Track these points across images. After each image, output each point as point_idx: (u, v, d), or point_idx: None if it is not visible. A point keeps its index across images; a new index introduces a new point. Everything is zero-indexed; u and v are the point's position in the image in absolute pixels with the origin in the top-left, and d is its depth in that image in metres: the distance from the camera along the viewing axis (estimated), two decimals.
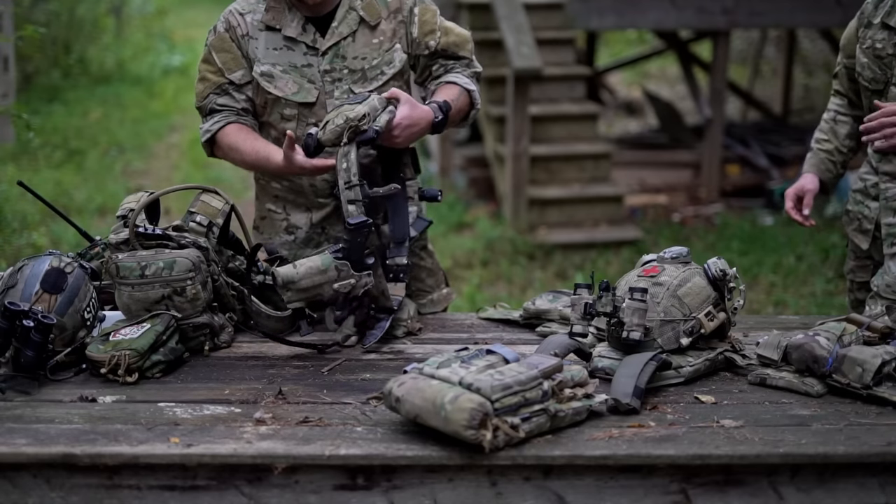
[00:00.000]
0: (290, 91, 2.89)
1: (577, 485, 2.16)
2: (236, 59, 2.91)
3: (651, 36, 11.90)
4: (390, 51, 2.93)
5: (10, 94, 6.58)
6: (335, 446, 2.15)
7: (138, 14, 14.71)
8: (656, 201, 8.39)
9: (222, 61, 2.92)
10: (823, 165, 3.27)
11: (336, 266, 2.62)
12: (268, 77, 2.90)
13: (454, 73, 2.99)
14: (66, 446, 2.15)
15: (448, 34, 2.99)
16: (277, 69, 2.89)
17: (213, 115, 2.94)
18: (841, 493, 2.18)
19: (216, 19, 2.97)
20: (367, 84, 2.91)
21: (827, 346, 2.45)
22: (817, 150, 3.28)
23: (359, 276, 2.64)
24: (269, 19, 2.90)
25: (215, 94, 2.93)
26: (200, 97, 2.96)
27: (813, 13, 8.30)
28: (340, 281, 2.62)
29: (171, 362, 2.58)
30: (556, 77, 8.01)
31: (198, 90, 2.97)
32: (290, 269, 2.61)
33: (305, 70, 2.90)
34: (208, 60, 2.94)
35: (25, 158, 8.58)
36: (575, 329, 2.56)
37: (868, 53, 3.04)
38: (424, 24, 2.96)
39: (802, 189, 3.25)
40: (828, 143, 3.27)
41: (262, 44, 2.91)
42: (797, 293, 6.43)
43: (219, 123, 2.93)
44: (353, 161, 2.66)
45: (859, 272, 3.23)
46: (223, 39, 2.93)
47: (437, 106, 2.82)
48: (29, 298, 2.54)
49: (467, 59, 3.02)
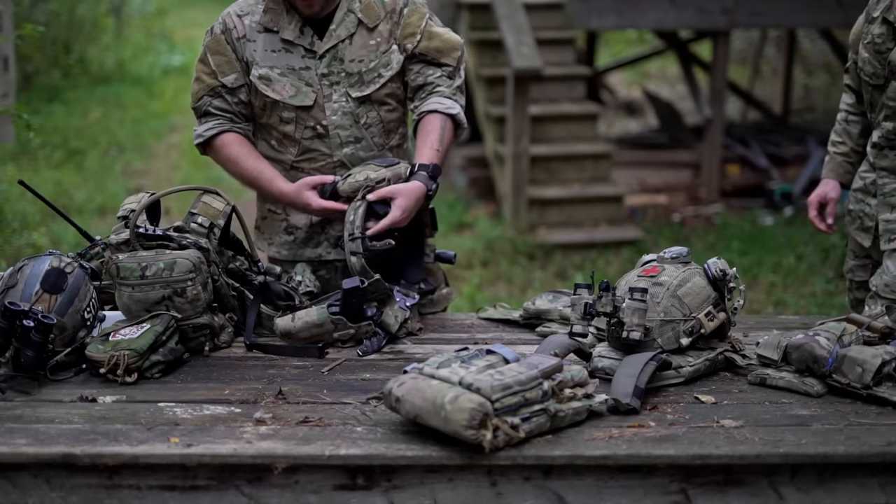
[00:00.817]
0: (287, 94, 2.89)
1: (577, 485, 2.16)
2: (230, 62, 2.92)
3: (651, 36, 11.89)
4: (387, 52, 2.92)
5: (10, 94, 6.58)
6: (335, 446, 2.15)
7: (138, 14, 14.71)
8: (656, 201, 8.39)
9: (216, 64, 2.93)
10: (842, 168, 3.29)
11: (332, 321, 2.68)
12: (265, 80, 2.90)
13: (436, 95, 2.93)
14: (66, 446, 2.15)
15: (432, 39, 2.94)
16: (275, 72, 2.89)
17: (207, 119, 2.96)
18: (841, 493, 2.18)
19: (216, 19, 2.97)
20: (365, 87, 2.90)
21: (827, 346, 2.45)
22: (833, 153, 3.29)
23: (357, 326, 2.70)
24: (267, 21, 2.90)
25: (209, 97, 2.94)
26: (195, 98, 2.98)
27: (813, 13, 8.29)
28: (339, 332, 2.70)
29: (171, 362, 2.58)
30: (556, 77, 8.01)
31: (193, 90, 2.99)
32: (288, 322, 2.71)
33: (303, 73, 2.89)
34: (204, 61, 2.95)
35: (25, 158, 8.58)
36: (575, 329, 2.56)
37: (869, 48, 3.03)
38: (407, 27, 2.94)
39: (825, 197, 3.27)
40: (843, 146, 3.28)
41: (259, 46, 2.91)
42: (797, 293, 6.43)
43: (213, 130, 2.95)
44: (360, 216, 2.71)
45: (859, 272, 3.23)
46: (218, 42, 2.93)
47: (427, 175, 2.81)
48: (29, 298, 2.54)
49: (451, 66, 2.95)
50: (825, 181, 3.30)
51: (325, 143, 2.93)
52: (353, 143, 2.94)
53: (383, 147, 2.98)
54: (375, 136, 2.96)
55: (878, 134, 3.07)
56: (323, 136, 2.93)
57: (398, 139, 3.03)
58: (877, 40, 3.00)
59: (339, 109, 2.92)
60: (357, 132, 2.94)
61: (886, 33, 2.98)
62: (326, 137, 2.93)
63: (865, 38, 3.05)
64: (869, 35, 3.03)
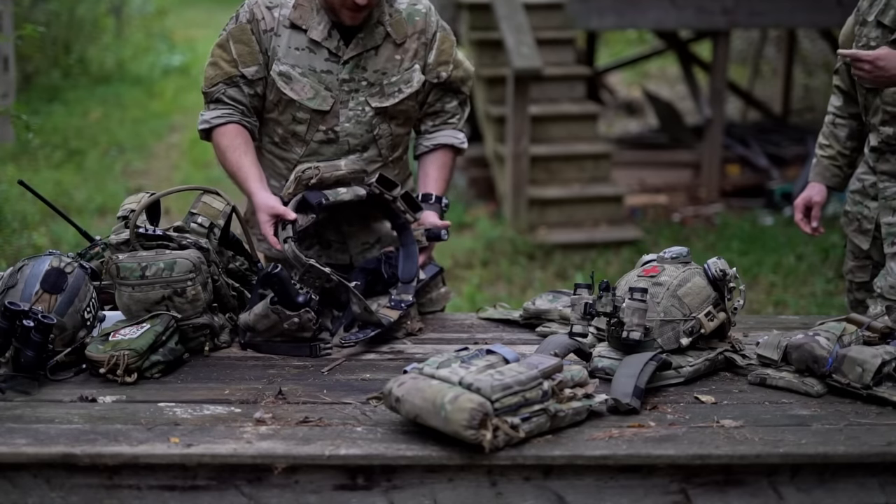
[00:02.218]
0: (305, 96, 2.88)
1: (577, 485, 2.16)
2: (253, 53, 2.88)
3: (651, 36, 11.89)
4: (410, 70, 2.93)
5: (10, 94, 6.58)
6: (335, 446, 2.15)
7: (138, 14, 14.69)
8: (656, 201, 8.39)
9: (238, 53, 2.88)
10: (829, 172, 3.28)
11: (273, 310, 2.66)
12: (285, 78, 2.88)
13: (450, 127, 3.06)
14: (66, 446, 2.15)
15: (458, 67, 3.02)
16: (296, 71, 2.87)
17: (217, 106, 2.92)
18: (841, 493, 2.18)
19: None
20: (385, 99, 2.91)
21: (827, 346, 2.45)
22: (820, 157, 3.29)
23: (297, 314, 2.67)
24: (296, 17, 2.87)
25: (225, 85, 2.90)
26: (209, 83, 2.93)
27: (813, 13, 8.30)
28: (286, 321, 2.67)
29: (171, 363, 2.58)
30: (556, 77, 8.01)
31: (208, 74, 2.93)
32: (246, 317, 2.71)
33: (324, 76, 2.88)
34: (224, 48, 2.90)
35: (25, 158, 8.58)
36: (575, 329, 2.56)
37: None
38: (442, 53, 2.97)
39: (810, 200, 3.27)
40: (829, 149, 3.27)
41: (284, 42, 2.88)
42: (797, 293, 6.43)
43: (221, 119, 2.91)
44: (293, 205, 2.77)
45: (858, 272, 3.23)
46: (244, 30, 2.89)
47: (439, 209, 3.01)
48: (29, 298, 2.54)
49: (465, 95, 3.07)
50: (811, 185, 3.29)
51: (333, 147, 2.93)
52: (360, 151, 2.94)
53: (387, 159, 2.99)
54: (383, 149, 2.97)
55: (877, 139, 3.07)
56: (333, 140, 2.93)
57: (401, 152, 3.07)
58: (871, 43, 3.00)
59: (354, 117, 2.91)
60: (366, 141, 2.94)
61: (881, 36, 2.98)
62: (336, 143, 2.93)
63: (860, 42, 3.05)
64: (863, 38, 3.03)
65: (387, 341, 2.81)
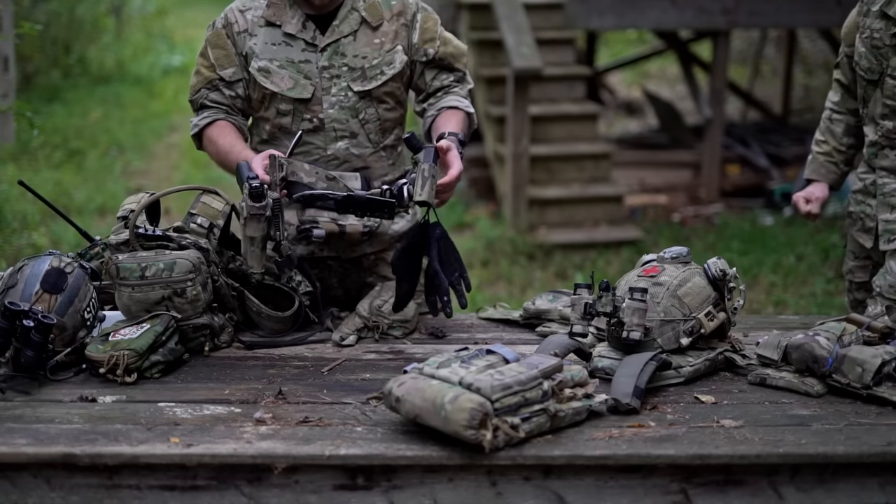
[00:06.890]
0: (285, 86, 2.91)
1: (577, 485, 2.16)
2: (229, 56, 2.94)
3: (651, 36, 11.89)
4: (391, 52, 2.94)
5: (10, 94, 6.58)
6: (335, 446, 2.15)
7: (138, 14, 14.70)
8: (656, 201, 8.39)
9: (215, 57, 2.95)
10: (824, 169, 3.27)
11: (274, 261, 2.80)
12: (264, 72, 2.92)
13: (453, 94, 3.01)
14: (66, 446, 2.15)
15: (447, 44, 3.01)
16: (274, 64, 2.91)
17: (203, 111, 2.98)
18: (841, 493, 2.18)
19: (218, 17, 2.99)
20: (367, 83, 2.92)
21: (827, 346, 2.45)
22: (816, 153, 3.28)
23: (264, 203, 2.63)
24: (269, 15, 2.93)
25: (207, 90, 2.96)
26: (193, 90, 3.00)
27: (813, 13, 8.29)
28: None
29: (171, 363, 2.58)
30: (556, 77, 8.00)
31: (191, 83, 3.01)
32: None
33: (303, 66, 2.91)
34: (204, 55, 2.98)
35: (25, 158, 8.57)
36: (575, 329, 2.56)
37: (866, 43, 3.03)
38: (425, 32, 2.98)
39: (812, 195, 3.25)
40: (825, 145, 3.27)
41: (260, 39, 2.93)
42: (797, 293, 6.43)
43: (207, 119, 2.97)
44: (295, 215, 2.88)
45: (858, 272, 3.22)
46: (219, 35, 2.96)
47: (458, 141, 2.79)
48: (29, 298, 2.54)
49: (461, 72, 3.05)
50: (815, 184, 3.27)
51: (320, 136, 2.94)
52: (348, 137, 2.95)
53: (378, 145, 2.99)
54: (371, 133, 2.97)
55: (877, 133, 3.06)
56: (318, 129, 2.94)
57: (393, 139, 3.03)
58: (875, 35, 3.00)
59: (338, 103, 2.93)
60: (353, 127, 2.95)
61: (885, 28, 2.97)
62: (322, 131, 2.94)
63: (863, 33, 3.04)
64: (867, 30, 3.03)
65: (387, 341, 2.81)
